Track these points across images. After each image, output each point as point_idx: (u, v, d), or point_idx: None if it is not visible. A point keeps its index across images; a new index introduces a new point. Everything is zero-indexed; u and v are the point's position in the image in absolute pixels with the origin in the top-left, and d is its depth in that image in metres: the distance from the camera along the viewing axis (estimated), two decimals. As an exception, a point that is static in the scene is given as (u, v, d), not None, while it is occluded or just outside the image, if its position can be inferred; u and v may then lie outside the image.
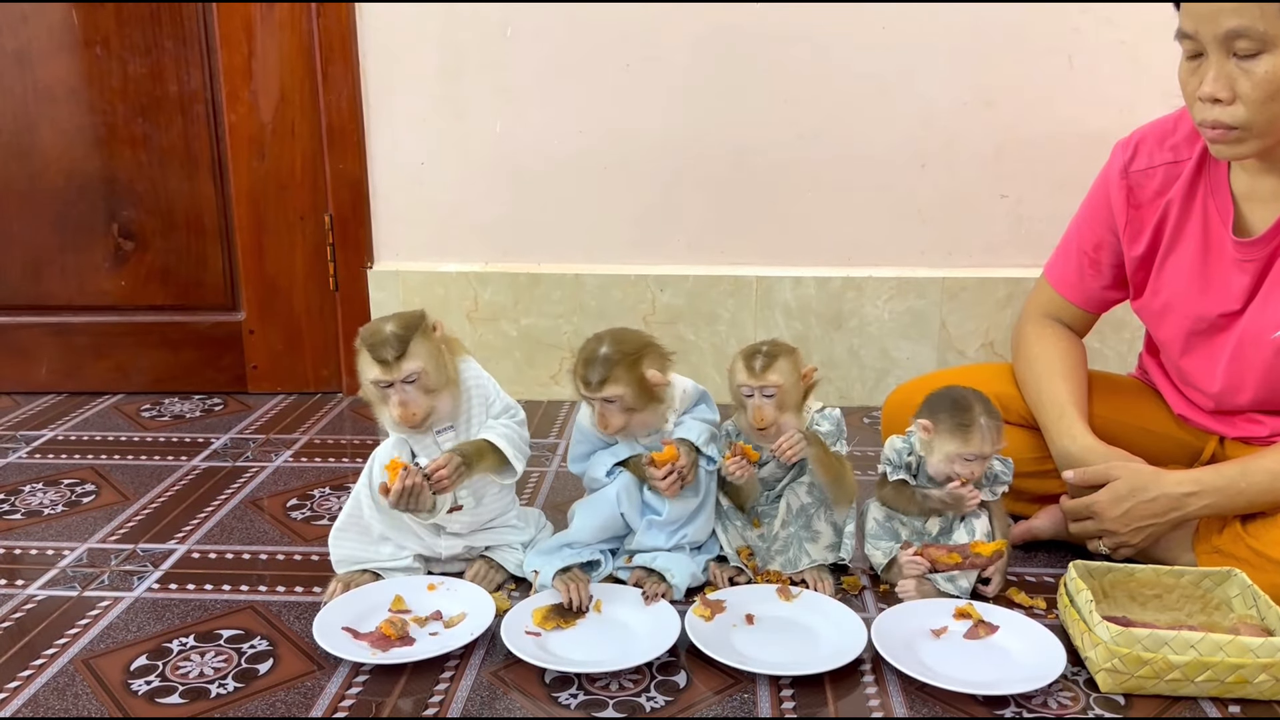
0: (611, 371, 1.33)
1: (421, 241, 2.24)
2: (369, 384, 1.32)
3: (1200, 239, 1.40)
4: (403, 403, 1.31)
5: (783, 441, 1.34)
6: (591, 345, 1.36)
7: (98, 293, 2.27)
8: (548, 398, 2.25)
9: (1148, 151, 1.44)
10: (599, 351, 1.34)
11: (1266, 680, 1.14)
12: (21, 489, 1.79)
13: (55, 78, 2.15)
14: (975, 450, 1.34)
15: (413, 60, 2.13)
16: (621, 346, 1.35)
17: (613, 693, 1.18)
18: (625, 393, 1.33)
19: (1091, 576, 1.33)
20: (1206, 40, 1.22)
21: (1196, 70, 1.25)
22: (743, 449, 1.36)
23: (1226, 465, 1.38)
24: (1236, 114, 1.23)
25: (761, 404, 1.36)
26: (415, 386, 1.31)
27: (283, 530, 1.62)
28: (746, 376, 1.36)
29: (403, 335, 1.30)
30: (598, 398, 1.34)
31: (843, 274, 2.17)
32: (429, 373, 1.32)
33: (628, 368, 1.34)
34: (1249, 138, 1.25)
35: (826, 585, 1.40)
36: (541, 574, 1.38)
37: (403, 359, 1.29)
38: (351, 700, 1.17)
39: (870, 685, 1.20)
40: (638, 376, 1.34)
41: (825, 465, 1.37)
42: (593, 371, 1.33)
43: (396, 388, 1.31)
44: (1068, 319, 1.59)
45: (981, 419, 1.34)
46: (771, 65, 2.08)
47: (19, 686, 1.20)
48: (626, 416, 1.36)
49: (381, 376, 1.30)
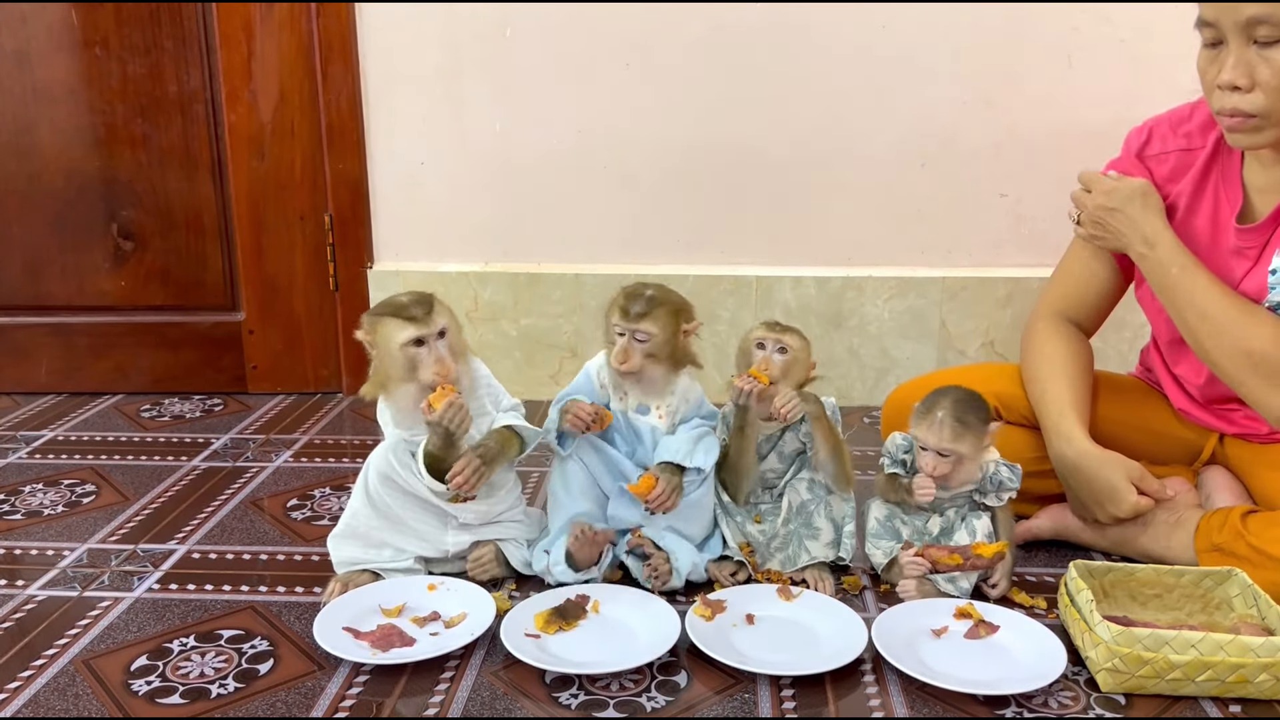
0: (654, 310, 1.36)
1: (421, 241, 2.24)
2: (398, 350, 1.33)
3: (1208, 228, 1.40)
4: (439, 359, 1.34)
5: (779, 400, 1.35)
6: (637, 286, 1.40)
7: (97, 293, 2.27)
8: (548, 397, 2.23)
9: (1161, 136, 1.45)
10: (645, 291, 1.38)
11: (1267, 680, 1.14)
12: (21, 489, 1.79)
13: (55, 78, 2.15)
14: (924, 438, 1.35)
15: (412, 60, 2.13)
16: (668, 295, 1.40)
17: (613, 693, 1.18)
18: (658, 334, 1.37)
19: (1092, 576, 1.33)
20: (1227, 28, 1.23)
21: (1215, 58, 1.26)
22: (753, 372, 1.38)
23: (1183, 252, 1.38)
24: (1255, 101, 1.24)
25: (773, 356, 1.39)
26: (444, 344, 1.35)
27: (283, 530, 1.62)
28: (765, 331, 1.41)
29: (423, 297, 1.35)
30: (632, 328, 1.36)
31: (843, 273, 2.17)
32: (452, 331, 1.36)
33: (669, 313, 1.38)
34: (1267, 126, 1.26)
35: (827, 585, 1.40)
36: (553, 553, 1.39)
37: (431, 313, 1.34)
38: (352, 700, 1.17)
39: (871, 685, 1.20)
40: (674, 327, 1.38)
41: (825, 430, 1.38)
42: (636, 303, 1.37)
43: (430, 345, 1.33)
44: (1079, 314, 1.58)
45: (940, 413, 1.34)
46: (771, 65, 2.08)
47: (19, 687, 1.20)
48: (646, 361, 1.38)
49: (417, 332, 1.33)
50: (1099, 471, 1.42)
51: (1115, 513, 1.43)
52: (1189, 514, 1.42)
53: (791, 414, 1.36)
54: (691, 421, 1.44)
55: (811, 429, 1.40)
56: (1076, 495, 1.47)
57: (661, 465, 1.39)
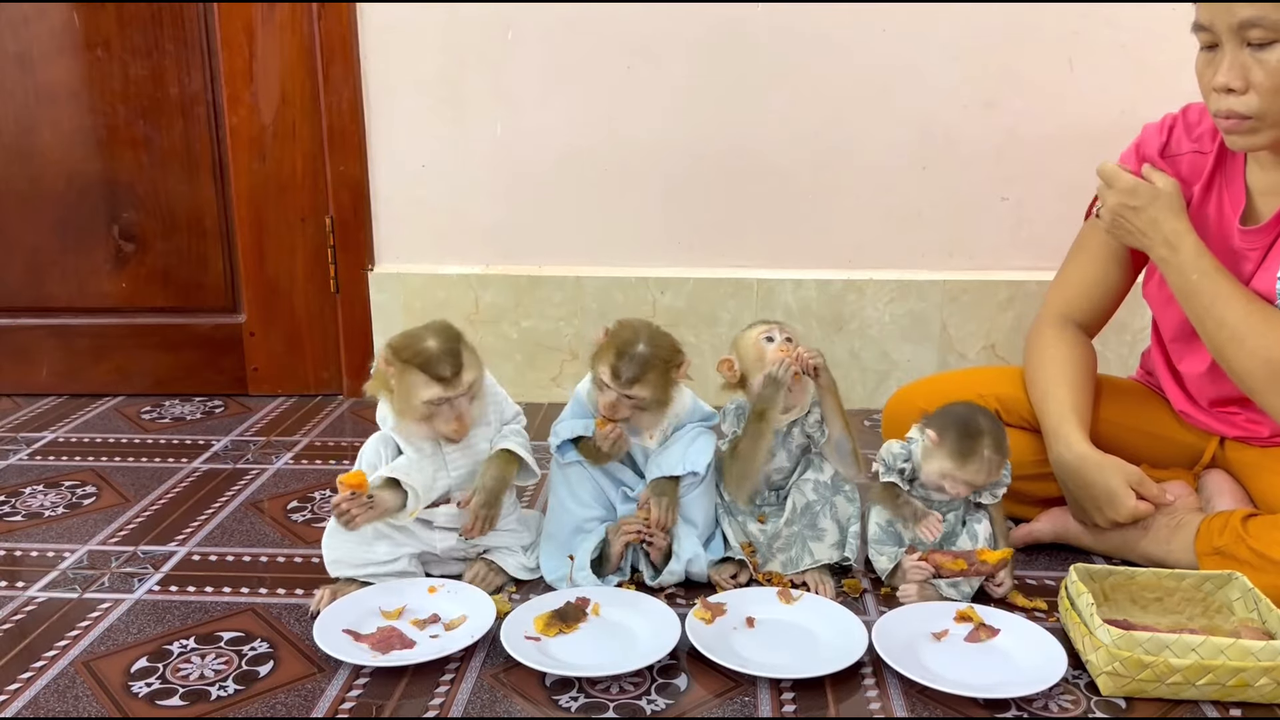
0: (646, 374, 1.33)
1: (422, 243, 2.24)
2: (421, 404, 1.29)
3: (1214, 230, 1.41)
4: (459, 416, 1.31)
5: (802, 349, 1.35)
6: (627, 336, 1.35)
7: (98, 295, 2.27)
8: (549, 400, 2.25)
9: (1178, 138, 1.45)
10: (636, 348, 1.33)
11: (1268, 684, 1.14)
12: (22, 491, 1.79)
13: (56, 80, 2.15)
14: (968, 478, 1.35)
15: (414, 62, 2.13)
16: (659, 350, 1.35)
17: (613, 695, 1.18)
18: (648, 395, 1.34)
19: (1092, 579, 1.32)
20: (1221, 31, 1.24)
21: (1212, 61, 1.27)
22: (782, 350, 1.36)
23: (1206, 256, 1.36)
24: (1250, 103, 1.25)
25: (784, 344, 1.38)
26: (466, 397, 1.31)
27: (283, 532, 1.62)
28: (765, 326, 1.41)
29: (453, 348, 1.29)
30: (624, 392, 1.34)
31: (843, 276, 2.17)
32: (477, 381, 1.32)
33: (661, 373, 1.34)
34: (1263, 127, 1.27)
35: (827, 588, 1.40)
36: (578, 557, 1.40)
37: (461, 373, 1.29)
38: (352, 703, 1.17)
39: (871, 688, 1.20)
40: (666, 382, 1.35)
41: (836, 403, 1.39)
42: (628, 367, 1.32)
43: (454, 403, 1.30)
44: (1084, 315, 1.58)
45: (986, 451, 1.33)
46: (773, 67, 2.08)
47: (19, 689, 1.20)
48: (636, 413, 1.37)
49: (443, 394, 1.28)
50: (1098, 476, 1.42)
51: (1114, 517, 1.43)
52: (1189, 517, 1.42)
53: (812, 361, 1.35)
54: (685, 428, 1.44)
55: (823, 409, 1.40)
56: (1076, 499, 1.47)
57: (653, 483, 1.40)
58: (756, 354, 1.40)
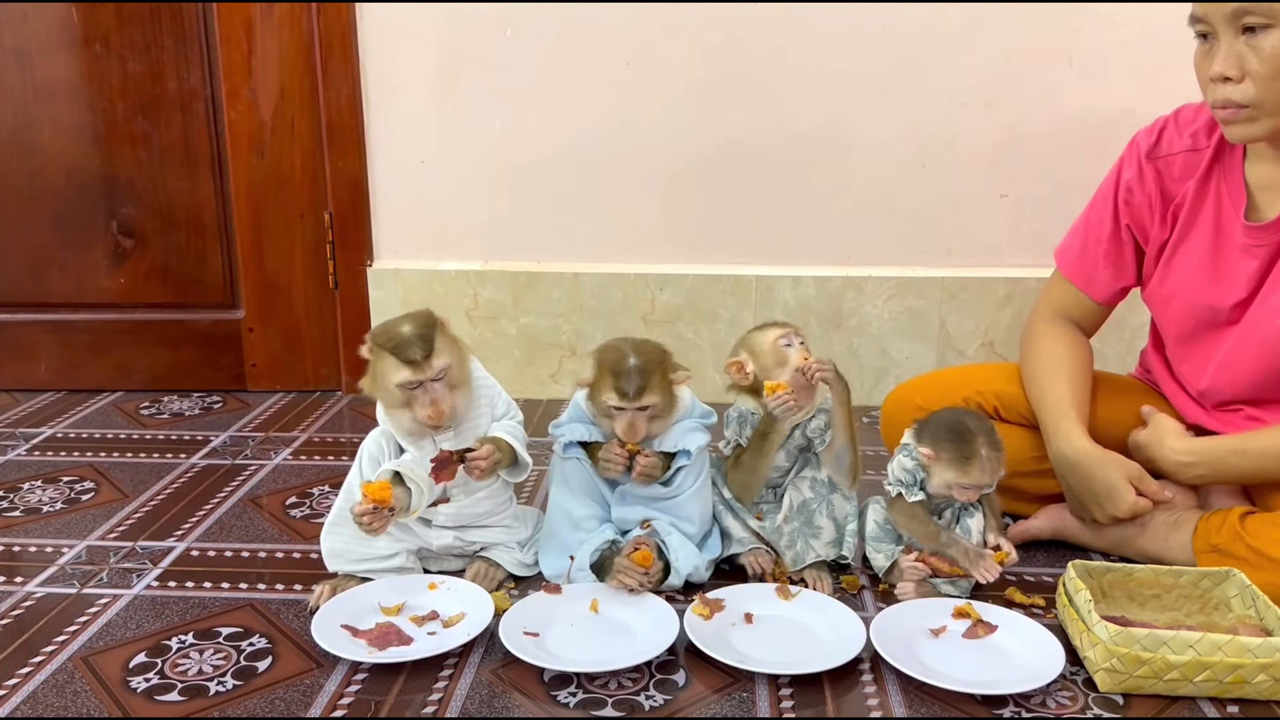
0: (649, 381, 1.34)
1: (421, 240, 2.24)
2: (395, 388, 1.30)
3: (1213, 226, 1.41)
4: (434, 401, 1.31)
5: (814, 361, 1.36)
6: (614, 357, 1.36)
7: (97, 291, 2.27)
8: (547, 396, 2.25)
9: (1169, 139, 1.45)
10: (629, 362, 1.34)
11: (1265, 680, 1.14)
12: (20, 486, 1.79)
13: (55, 76, 2.15)
14: (974, 482, 1.35)
15: (413, 59, 2.13)
16: (648, 356, 1.36)
17: (612, 691, 1.18)
18: (658, 400, 1.35)
19: (1090, 576, 1.33)
20: (1216, 21, 1.25)
21: (1208, 53, 1.28)
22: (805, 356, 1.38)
23: (1226, 440, 1.40)
24: (1246, 91, 1.25)
25: (801, 349, 1.39)
26: (442, 383, 1.32)
27: (281, 528, 1.62)
28: (781, 328, 1.42)
29: (425, 334, 1.30)
30: (634, 407, 1.34)
31: (842, 273, 2.17)
32: (453, 368, 1.32)
33: (661, 375, 1.36)
34: (1260, 116, 1.27)
35: (825, 584, 1.40)
36: (578, 558, 1.40)
37: (431, 356, 1.29)
38: (350, 699, 1.17)
39: (869, 685, 1.20)
40: (668, 383, 1.37)
41: (846, 416, 1.39)
42: (629, 382, 1.33)
43: (427, 387, 1.30)
44: (1079, 314, 1.58)
45: (983, 450, 1.33)
46: (772, 65, 2.08)
47: (18, 684, 1.20)
48: (651, 424, 1.37)
49: (413, 377, 1.29)
50: (1097, 471, 1.43)
51: (1113, 513, 1.43)
52: (1188, 514, 1.42)
53: (823, 375, 1.36)
54: (683, 424, 1.44)
55: (832, 415, 1.40)
56: (1075, 495, 1.47)
57: None
58: (778, 359, 1.40)
